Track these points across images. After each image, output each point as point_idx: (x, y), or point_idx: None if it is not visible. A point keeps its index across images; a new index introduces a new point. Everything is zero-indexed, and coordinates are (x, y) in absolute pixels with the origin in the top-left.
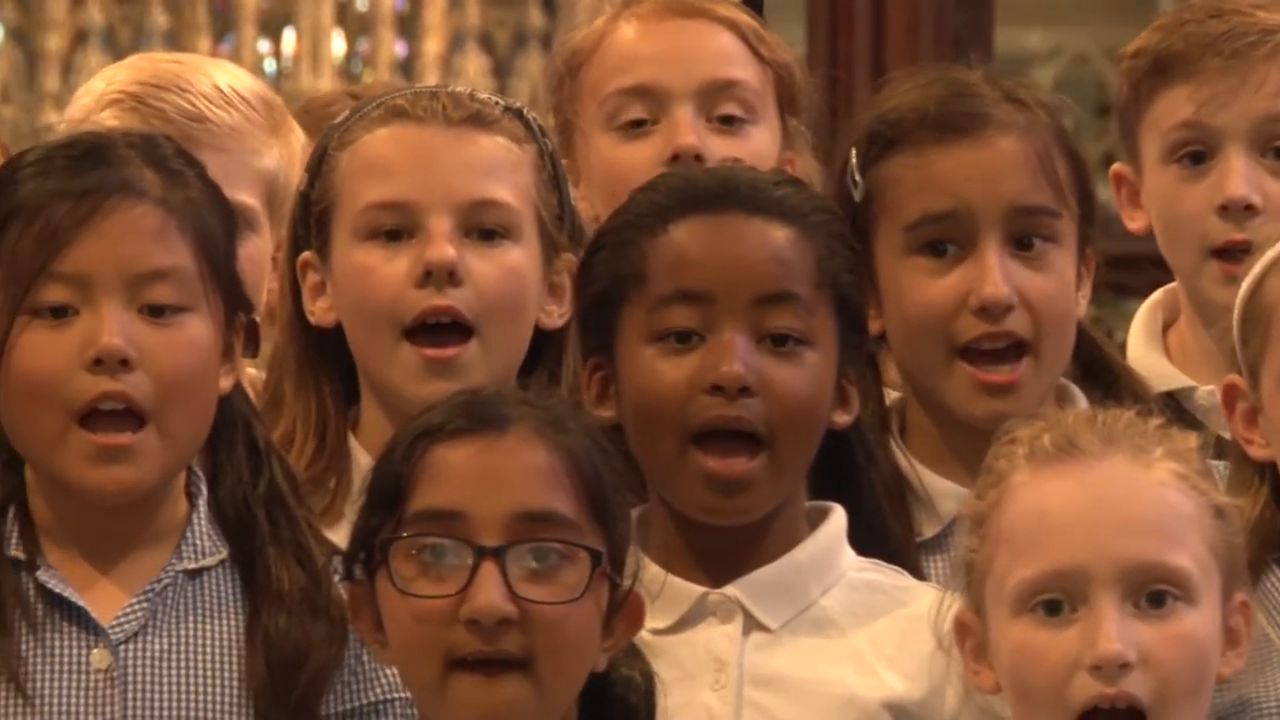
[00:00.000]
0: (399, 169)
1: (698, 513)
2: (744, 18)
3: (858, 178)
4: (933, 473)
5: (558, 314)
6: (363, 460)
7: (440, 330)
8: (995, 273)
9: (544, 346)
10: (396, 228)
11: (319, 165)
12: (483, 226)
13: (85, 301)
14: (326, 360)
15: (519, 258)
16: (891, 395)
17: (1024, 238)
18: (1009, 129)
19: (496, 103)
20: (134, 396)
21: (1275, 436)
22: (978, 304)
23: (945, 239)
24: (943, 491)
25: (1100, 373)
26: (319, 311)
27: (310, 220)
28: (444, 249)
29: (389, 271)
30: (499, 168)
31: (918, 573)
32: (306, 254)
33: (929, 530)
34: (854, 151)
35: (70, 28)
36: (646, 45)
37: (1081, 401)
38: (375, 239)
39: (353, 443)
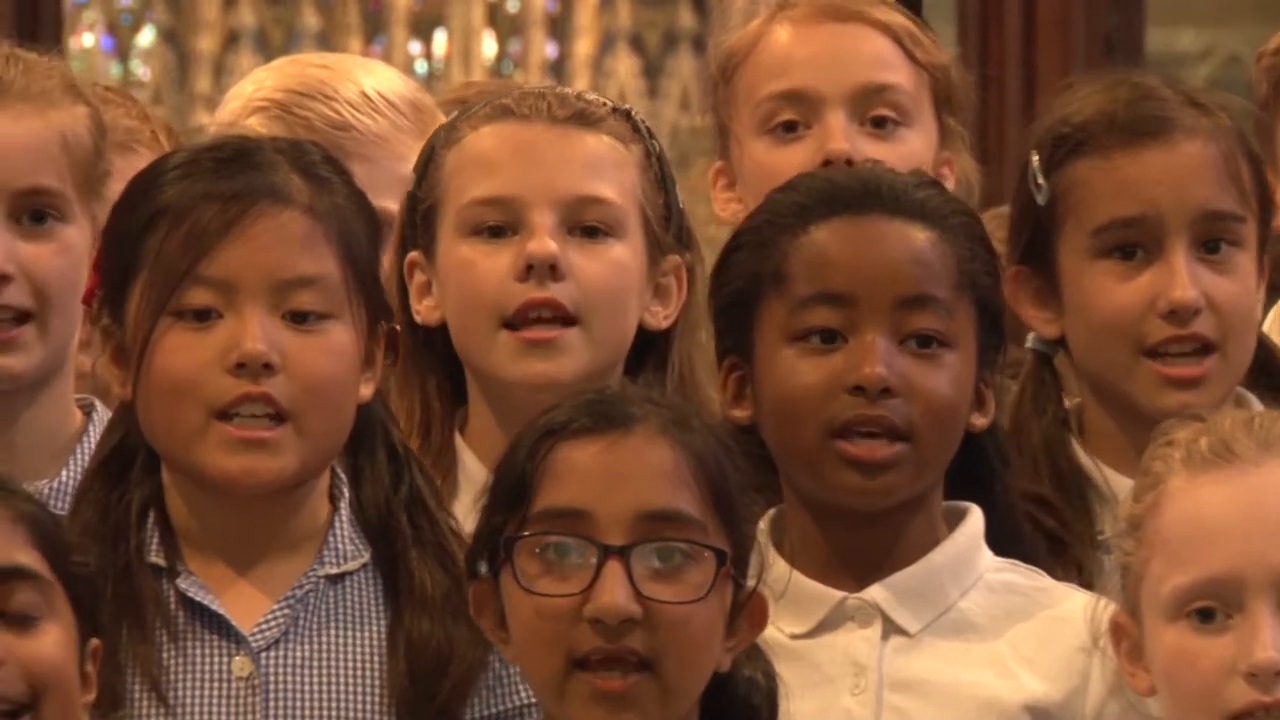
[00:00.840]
0: (503, 165)
1: (841, 496)
2: (899, 19)
3: (1041, 181)
4: (1116, 472)
5: (663, 315)
6: (469, 461)
7: (541, 324)
8: (1184, 277)
9: (649, 347)
10: (500, 224)
11: (426, 165)
12: (585, 223)
13: (229, 306)
14: (433, 361)
15: (622, 254)
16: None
17: (1210, 242)
18: (1195, 133)
19: (603, 103)
20: (276, 399)
21: None
22: (1166, 308)
23: (1133, 243)
24: (1127, 490)
25: (1274, 374)
26: (425, 310)
27: (417, 220)
28: (546, 243)
29: (491, 266)
30: (603, 165)
31: (1092, 571)
32: (413, 254)
33: (1112, 529)
34: (1034, 155)
35: (222, 29)
36: (800, 49)
37: (1257, 408)
38: (479, 235)
39: (459, 443)
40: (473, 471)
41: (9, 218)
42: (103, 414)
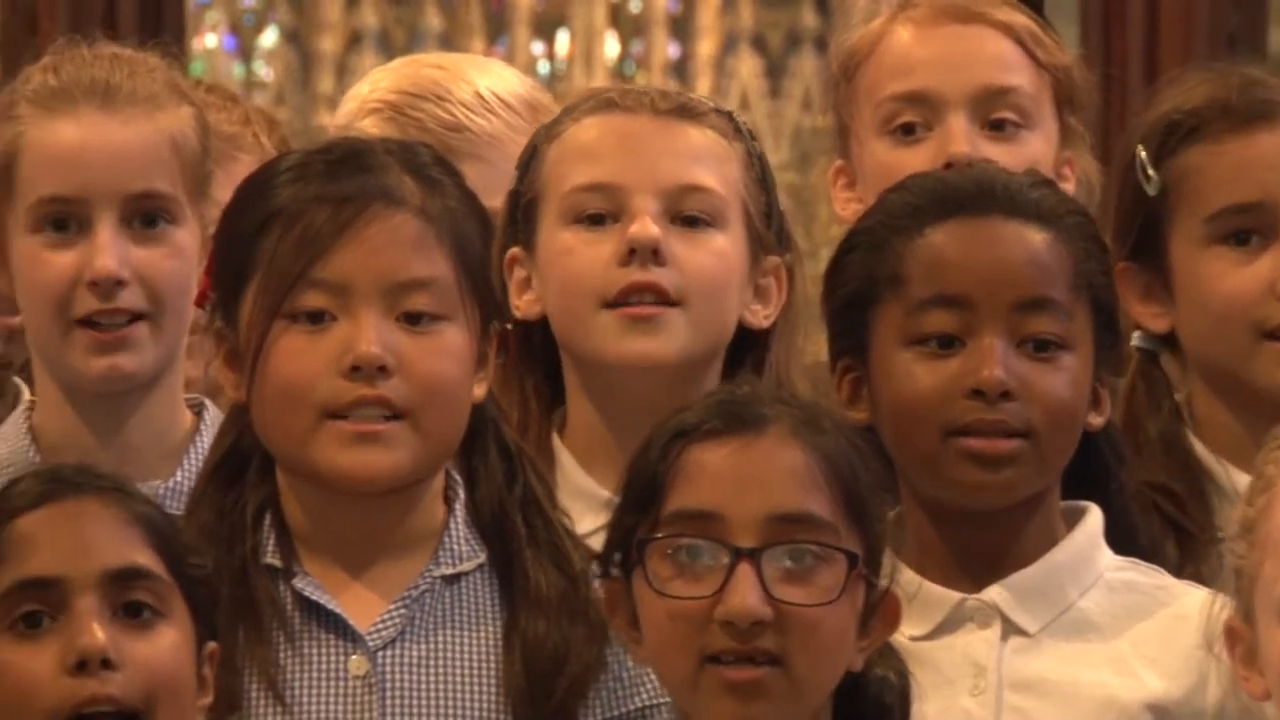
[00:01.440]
0: (606, 153)
1: (961, 494)
2: (1021, 20)
3: (1150, 172)
4: (1235, 467)
5: (763, 315)
6: (566, 462)
7: (643, 304)
8: None
9: (748, 346)
10: (602, 211)
11: (529, 162)
12: (687, 212)
13: (343, 309)
14: (531, 360)
15: (723, 244)
16: None
17: None
18: None
19: (706, 101)
20: (392, 400)
21: None
22: None
23: (1250, 228)
24: (1245, 482)
25: None
26: (525, 305)
27: (518, 216)
28: (648, 226)
29: (593, 253)
30: (706, 156)
31: (1211, 568)
32: (513, 250)
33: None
34: (1141, 149)
35: (345, 30)
36: (922, 50)
37: None
38: (580, 222)
39: (557, 444)
40: (570, 472)
41: (122, 222)
42: (214, 414)
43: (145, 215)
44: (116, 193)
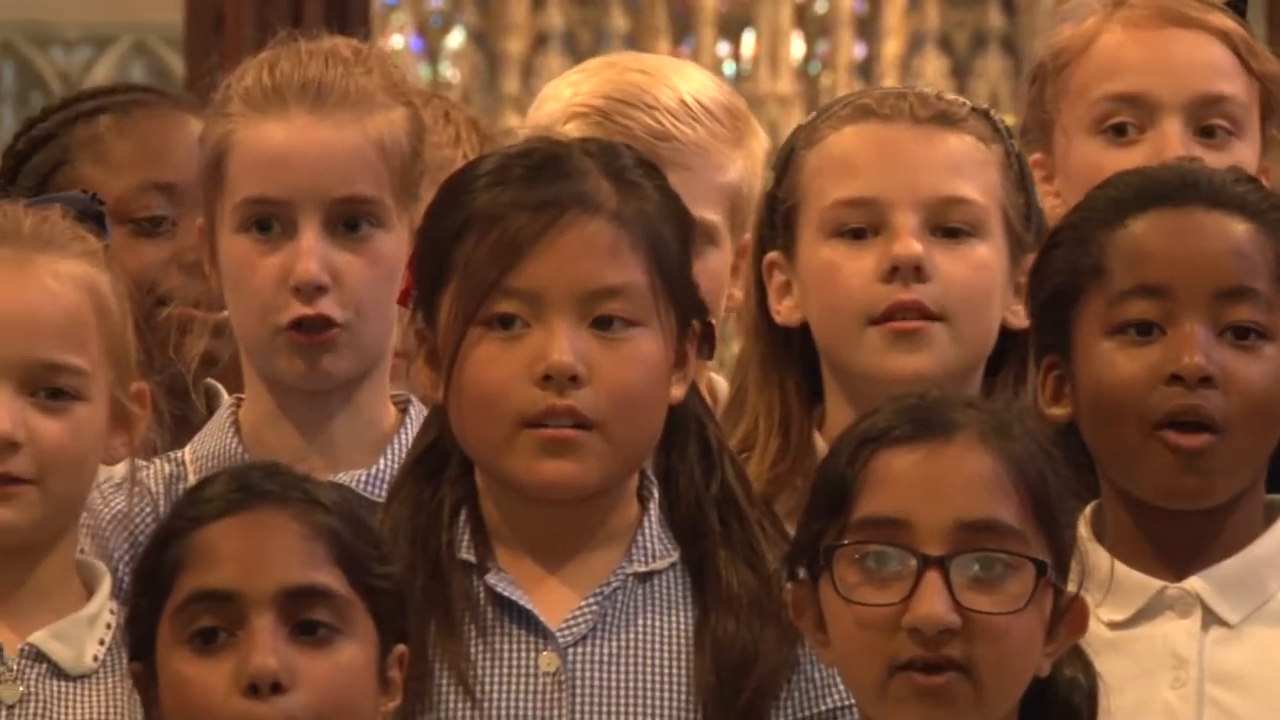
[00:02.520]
0: (866, 166)
1: (1161, 497)
2: (1235, 28)
3: None
4: None
5: (1023, 314)
6: None
7: (905, 313)
8: None
9: (1009, 347)
10: (862, 225)
11: (785, 165)
12: (948, 224)
13: (537, 317)
14: (790, 360)
15: (985, 254)
16: None
17: None
18: None
19: (963, 103)
20: (582, 411)
21: None
22: None
23: None
24: None
25: None
26: (785, 311)
27: (776, 220)
28: (910, 244)
29: (856, 268)
30: (966, 165)
31: None
32: (772, 254)
33: None
34: None
35: (530, 31)
36: (1139, 52)
37: None
38: (841, 236)
39: (818, 441)
40: None
41: (325, 226)
42: (419, 411)
43: (348, 219)
44: (320, 196)
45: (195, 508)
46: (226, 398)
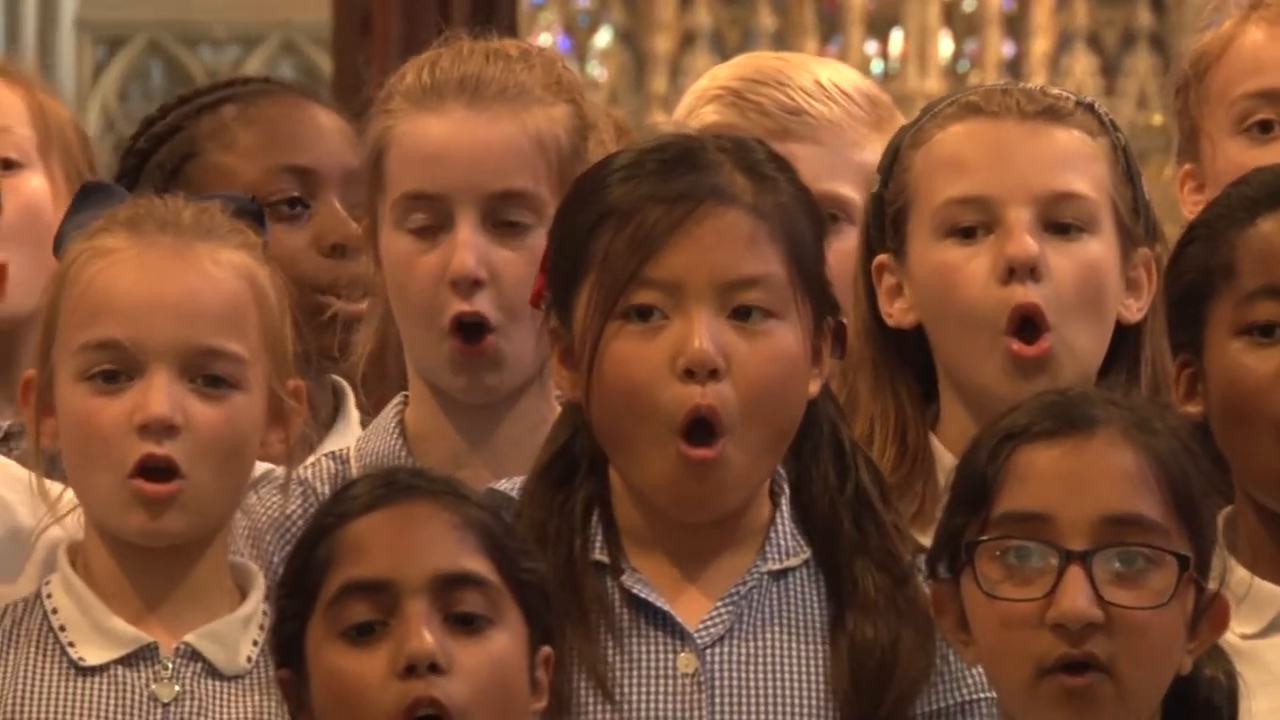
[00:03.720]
0: (976, 163)
1: None
2: None
3: None
4: None
5: (1136, 308)
6: (946, 460)
7: (1027, 327)
8: None
9: (1122, 343)
10: (974, 223)
11: (892, 166)
12: (1060, 220)
13: (675, 308)
14: (903, 362)
15: (1097, 251)
16: None
17: None
18: None
19: (1067, 97)
20: (718, 410)
21: None
22: None
23: None
24: None
25: None
26: (897, 313)
27: (885, 222)
28: (1027, 245)
29: (972, 270)
30: (1075, 159)
31: None
32: (882, 256)
33: None
34: None
35: (678, 30)
36: (1277, 49)
37: None
38: (953, 236)
39: (934, 443)
40: (950, 469)
41: (482, 221)
42: None
43: (506, 215)
44: (476, 190)
45: (341, 505)
46: (350, 396)
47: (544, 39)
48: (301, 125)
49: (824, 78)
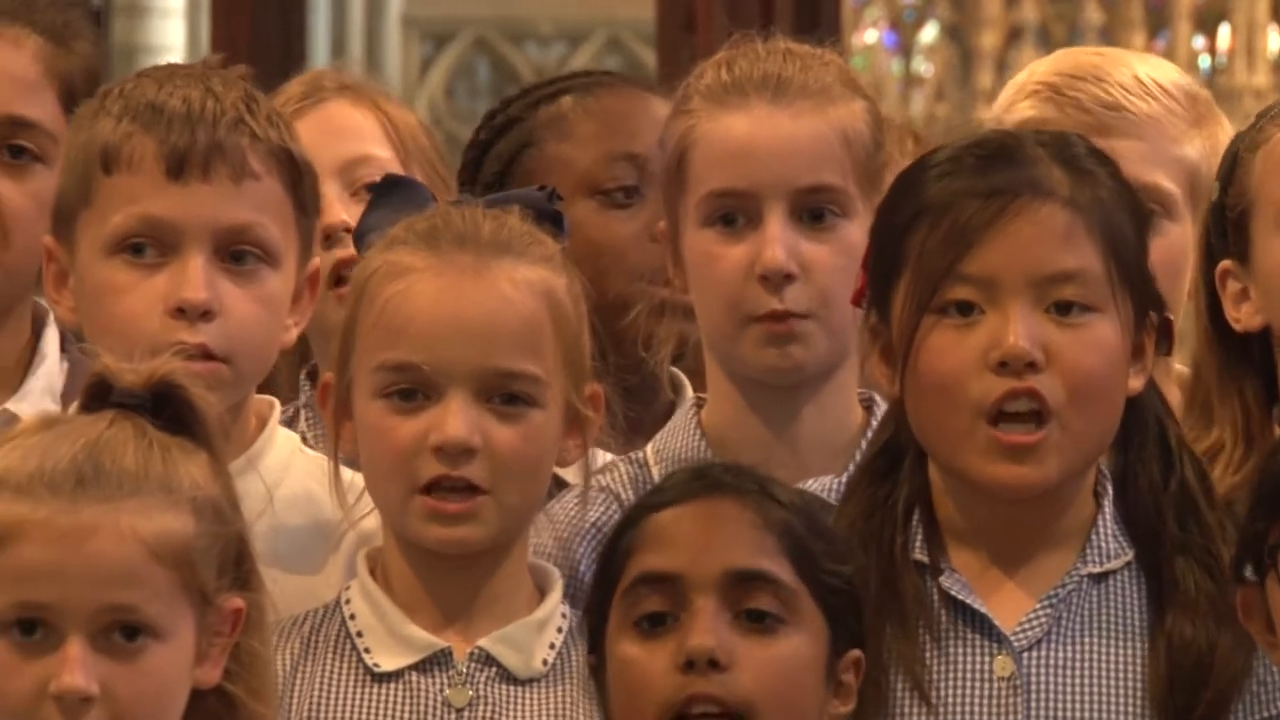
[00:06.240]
0: None
1: None
2: None
3: None
4: None
5: None
6: None
7: None
8: None
9: None
10: None
11: (1231, 172)
12: None
13: (991, 302)
14: (1248, 366)
15: None
16: None
17: None
18: None
19: None
20: (1044, 396)
21: None
22: None
23: None
24: None
25: None
26: (1245, 318)
27: (1226, 228)
28: None
29: None
30: None
31: None
32: (1226, 263)
33: None
34: None
35: (1004, 25)
36: None
37: None
38: None
39: None
40: None
41: (790, 215)
42: (882, 409)
43: (814, 209)
44: (785, 186)
45: (653, 497)
46: (690, 394)
47: (869, 35)
48: (638, 115)
49: (1142, 73)
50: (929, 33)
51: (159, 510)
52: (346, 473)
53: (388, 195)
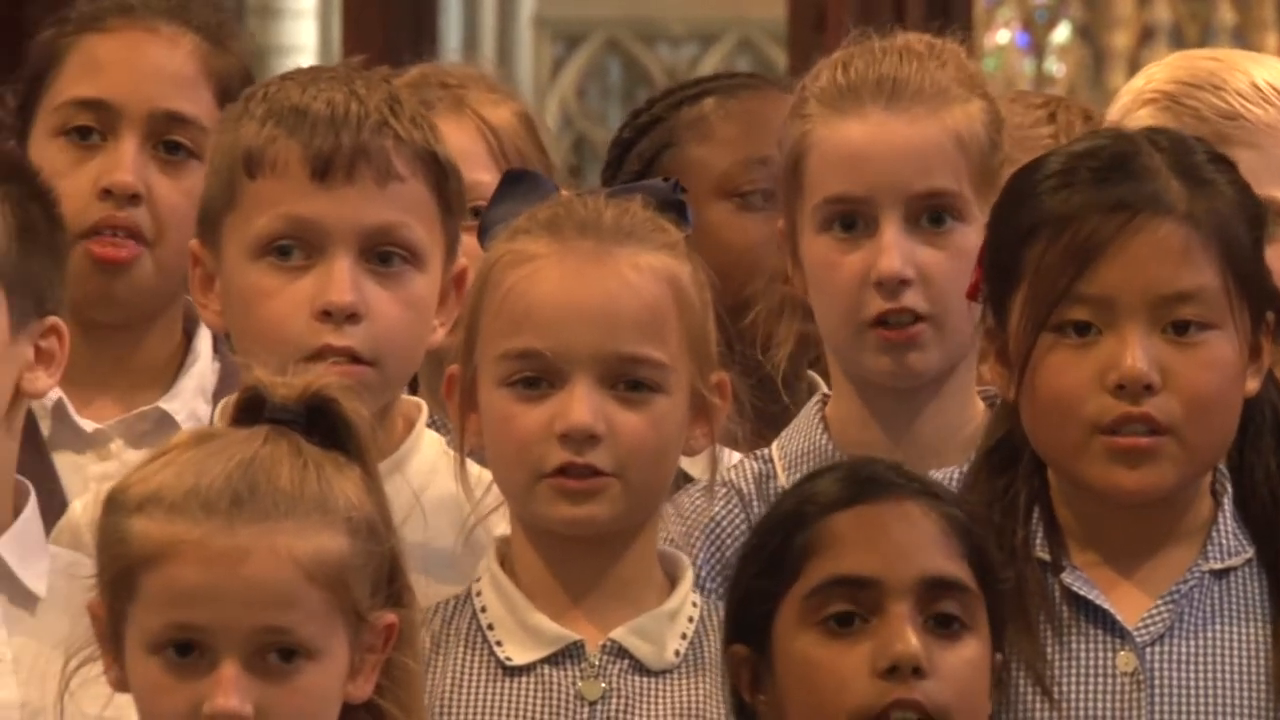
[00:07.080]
0: None
1: None
2: None
3: None
4: None
5: None
6: None
7: None
8: None
9: None
10: None
11: None
12: None
13: (1109, 324)
14: None
15: None
16: None
17: None
18: None
19: None
20: (1156, 417)
21: None
22: None
23: None
24: None
25: None
26: None
27: None
28: None
29: None
30: None
31: None
32: None
33: None
34: None
35: (1137, 25)
36: None
37: None
38: None
39: None
40: None
41: (907, 221)
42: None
43: (931, 214)
44: (901, 191)
45: (813, 497)
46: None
47: (1002, 35)
48: (778, 118)
49: (1260, 79)
50: (1061, 33)
51: (314, 531)
52: (474, 467)
53: (513, 187)
